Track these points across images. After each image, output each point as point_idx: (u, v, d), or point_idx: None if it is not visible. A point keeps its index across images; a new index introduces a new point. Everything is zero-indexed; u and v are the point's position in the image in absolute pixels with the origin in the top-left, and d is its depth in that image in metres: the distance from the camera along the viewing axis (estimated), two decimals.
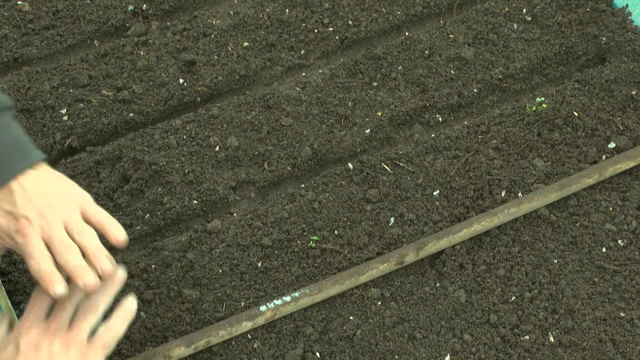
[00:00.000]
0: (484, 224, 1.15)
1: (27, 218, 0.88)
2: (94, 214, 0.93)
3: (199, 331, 1.05)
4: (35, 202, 0.89)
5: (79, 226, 0.90)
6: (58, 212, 0.90)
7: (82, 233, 0.90)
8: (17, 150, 0.90)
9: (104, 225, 0.93)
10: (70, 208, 0.91)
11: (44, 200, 0.90)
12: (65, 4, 1.48)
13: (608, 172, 1.22)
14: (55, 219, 0.89)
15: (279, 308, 1.06)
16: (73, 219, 0.90)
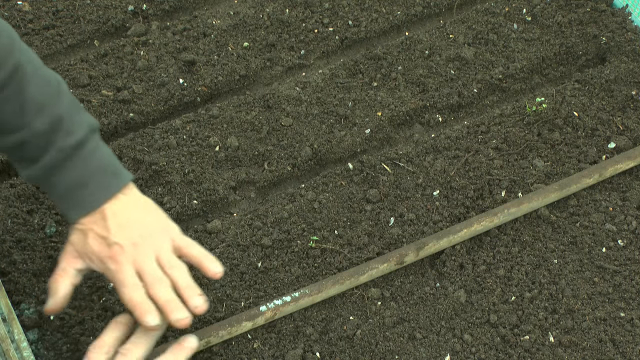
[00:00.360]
0: (484, 224, 1.15)
1: (120, 246, 0.89)
2: (186, 247, 0.94)
3: (199, 331, 1.05)
4: (128, 230, 0.90)
5: (170, 260, 0.91)
6: (150, 244, 0.91)
7: (173, 267, 0.91)
8: (108, 172, 0.91)
9: (199, 259, 0.94)
10: (162, 240, 0.92)
11: (137, 230, 0.90)
12: (65, 4, 1.48)
13: (608, 172, 1.21)
14: (148, 250, 0.90)
15: (279, 308, 1.06)
16: (165, 251, 0.91)
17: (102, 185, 0.90)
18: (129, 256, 0.89)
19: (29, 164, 0.89)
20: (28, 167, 0.89)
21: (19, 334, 1.02)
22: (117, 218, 0.90)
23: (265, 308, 1.06)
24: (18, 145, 0.87)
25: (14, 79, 0.83)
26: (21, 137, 0.86)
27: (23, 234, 1.15)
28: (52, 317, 1.08)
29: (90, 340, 1.06)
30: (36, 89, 0.86)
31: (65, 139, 0.87)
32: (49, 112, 0.86)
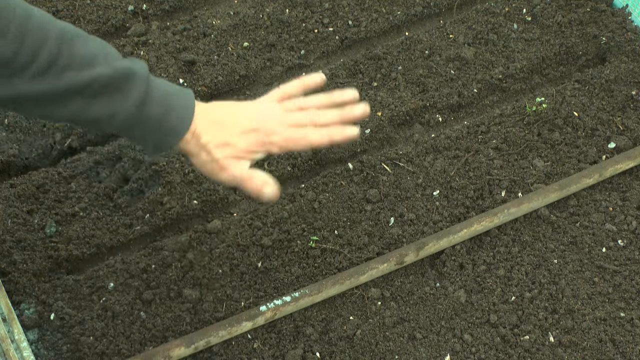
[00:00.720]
0: (484, 224, 1.15)
1: (261, 126, 0.93)
2: (284, 92, 0.99)
3: (199, 331, 1.05)
4: (249, 116, 0.94)
5: (299, 101, 0.97)
6: (273, 111, 0.96)
7: (304, 103, 0.97)
8: (177, 89, 0.91)
9: (302, 85, 1.00)
10: (271, 97, 0.98)
11: (252, 113, 0.95)
12: (65, 4, 1.48)
13: (608, 172, 1.22)
14: (277, 109, 0.96)
15: (279, 308, 1.06)
16: (285, 106, 0.97)
17: (184, 100, 0.90)
18: (276, 124, 0.94)
19: (117, 111, 0.86)
20: (117, 114, 0.86)
21: (19, 334, 1.02)
22: (225, 115, 0.94)
23: (265, 308, 1.06)
24: (93, 98, 0.85)
25: (63, 46, 0.83)
26: (93, 89, 0.85)
27: (23, 234, 1.16)
28: (52, 317, 1.08)
29: (90, 340, 1.06)
30: (86, 44, 0.86)
31: (139, 72, 0.87)
32: (108, 59, 0.87)
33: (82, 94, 0.84)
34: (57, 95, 0.83)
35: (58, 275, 1.13)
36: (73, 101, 0.84)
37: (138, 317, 1.09)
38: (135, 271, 1.13)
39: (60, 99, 0.83)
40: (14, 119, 1.30)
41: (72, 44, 0.84)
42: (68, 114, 0.85)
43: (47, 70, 0.81)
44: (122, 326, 1.08)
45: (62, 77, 0.82)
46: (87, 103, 0.85)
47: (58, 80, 0.82)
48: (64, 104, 0.84)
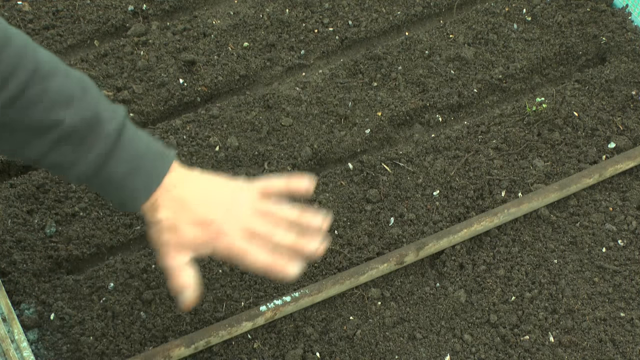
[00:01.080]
0: (484, 224, 1.15)
1: (216, 220, 0.86)
2: (268, 187, 0.91)
3: (199, 331, 1.05)
4: (210, 202, 0.87)
5: (265, 207, 0.89)
6: (239, 203, 0.88)
7: (273, 211, 0.89)
8: (156, 149, 0.87)
9: (287, 187, 0.91)
10: (245, 194, 0.89)
11: (218, 198, 0.87)
12: (65, 4, 1.48)
13: (608, 172, 1.22)
14: (243, 210, 0.88)
15: (279, 308, 1.06)
16: (256, 202, 0.89)
17: (156, 164, 0.86)
18: (231, 225, 0.86)
19: (77, 162, 0.83)
20: (77, 165, 0.83)
21: (19, 334, 1.02)
22: (191, 194, 0.87)
23: (265, 308, 1.06)
24: (56, 143, 0.82)
25: (35, 78, 0.80)
26: (58, 134, 0.82)
27: (23, 234, 1.16)
28: (52, 317, 1.08)
29: (90, 340, 1.06)
30: (61, 82, 0.82)
31: (108, 125, 0.83)
32: (80, 104, 0.82)
33: (46, 136, 0.80)
34: (20, 131, 0.80)
35: (58, 275, 1.13)
36: (37, 141, 0.81)
37: (138, 317, 1.09)
38: (135, 271, 1.13)
39: (24, 136, 0.80)
40: None
41: (48, 79, 0.80)
42: (32, 154, 0.82)
43: (12, 102, 0.78)
44: (122, 326, 1.08)
45: (27, 113, 0.79)
46: (49, 147, 0.81)
47: (22, 115, 0.79)
48: (28, 141, 0.81)
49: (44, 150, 0.82)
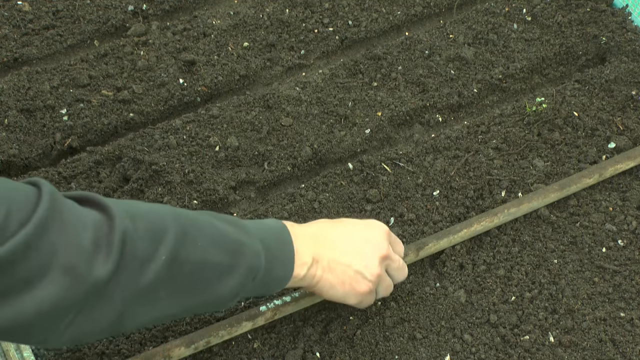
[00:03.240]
0: (483, 224, 1.15)
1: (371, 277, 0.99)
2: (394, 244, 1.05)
3: (199, 331, 1.05)
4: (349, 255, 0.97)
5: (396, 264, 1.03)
6: (374, 254, 0.99)
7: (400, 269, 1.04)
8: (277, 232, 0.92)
9: None
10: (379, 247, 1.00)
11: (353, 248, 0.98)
12: (65, 4, 1.48)
13: (608, 172, 1.21)
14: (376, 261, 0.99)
15: (279, 308, 1.06)
16: (390, 257, 1.02)
17: (281, 243, 0.91)
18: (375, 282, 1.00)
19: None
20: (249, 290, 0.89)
21: None
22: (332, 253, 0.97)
23: (265, 308, 1.06)
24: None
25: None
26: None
27: None
28: None
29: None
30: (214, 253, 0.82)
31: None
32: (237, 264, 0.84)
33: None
34: None
35: None
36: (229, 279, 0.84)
37: None
38: None
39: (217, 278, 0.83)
40: (14, 119, 1.30)
41: None
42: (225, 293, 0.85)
43: None
44: None
45: None
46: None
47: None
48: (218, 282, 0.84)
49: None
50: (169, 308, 0.79)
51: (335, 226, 1.00)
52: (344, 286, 0.97)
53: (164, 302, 0.77)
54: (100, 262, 0.68)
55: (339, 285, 0.96)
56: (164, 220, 0.76)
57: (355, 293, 0.98)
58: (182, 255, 0.76)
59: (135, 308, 0.74)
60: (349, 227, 1.00)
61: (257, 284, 0.87)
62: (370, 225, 1.01)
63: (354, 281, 0.97)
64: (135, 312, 0.75)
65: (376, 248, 0.98)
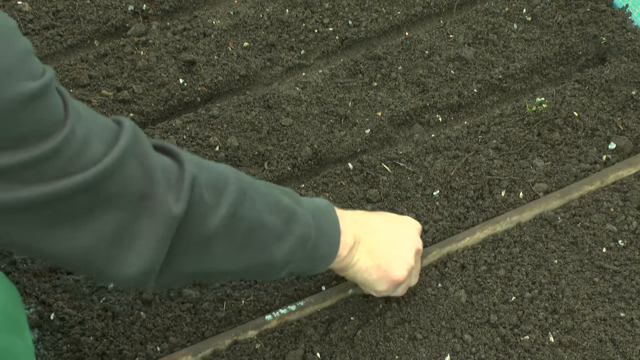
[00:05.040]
0: (486, 232, 1.17)
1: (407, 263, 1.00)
2: None
3: (205, 341, 1.06)
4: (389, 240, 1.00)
5: None
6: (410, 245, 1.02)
7: None
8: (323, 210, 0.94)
9: None
10: (413, 236, 1.04)
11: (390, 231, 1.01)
12: (65, 4, 1.48)
13: (609, 179, 1.22)
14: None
15: (284, 317, 1.08)
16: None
17: (329, 219, 0.93)
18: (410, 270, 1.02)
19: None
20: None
21: None
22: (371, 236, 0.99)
23: (270, 317, 1.07)
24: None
25: None
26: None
27: None
28: (52, 317, 1.08)
29: (90, 340, 1.06)
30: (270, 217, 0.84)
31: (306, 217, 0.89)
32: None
33: None
34: None
35: (58, 275, 1.13)
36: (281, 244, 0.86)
37: (138, 317, 1.09)
38: None
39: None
40: None
41: None
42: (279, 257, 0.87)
43: None
44: (122, 326, 1.08)
45: None
46: None
47: None
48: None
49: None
50: (223, 263, 0.81)
51: (375, 215, 1.03)
52: (378, 271, 0.98)
53: (219, 255, 0.79)
54: (172, 200, 0.71)
55: (374, 269, 0.98)
56: (227, 178, 0.79)
57: (388, 279, 0.99)
58: (240, 212, 0.78)
59: (193, 255, 0.76)
60: (387, 218, 1.03)
61: (305, 256, 0.88)
62: (406, 220, 1.05)
63: (389, 267, 0.98)
64: (191, 259, 0.77)
65: (412, 241, 1.01)
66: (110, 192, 0.67)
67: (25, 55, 0.61)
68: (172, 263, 0.74)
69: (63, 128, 0.62)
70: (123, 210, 0.68)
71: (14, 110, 0.59)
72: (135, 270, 0.70)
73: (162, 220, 0.70)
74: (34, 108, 0.60)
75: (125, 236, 0.69)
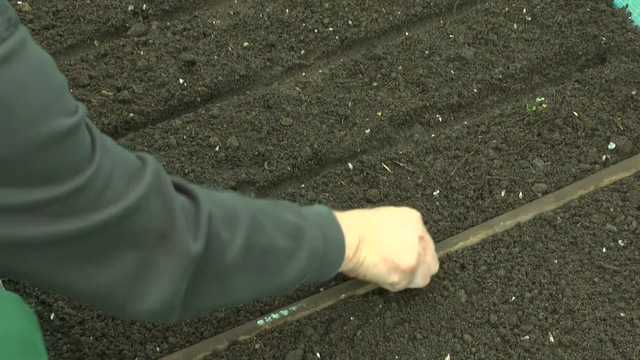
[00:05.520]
0: (479, 236, 1.17)
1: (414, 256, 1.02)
2: None
3: (203, 342, 1.06)
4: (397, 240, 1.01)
5: None
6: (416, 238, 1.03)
7: None
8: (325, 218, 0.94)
9: None
10: (417, 225, 1.05)
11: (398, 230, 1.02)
12: (65, 4, 1.48)
13: (604, 182, 1.23)
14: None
15: (277, 322, 1.08)
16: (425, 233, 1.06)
17: (331, 224, 0.94)
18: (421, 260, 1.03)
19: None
20: None
21: None
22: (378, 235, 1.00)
23: (262, 322, 1.08)
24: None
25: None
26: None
27: None
28: (52, 317, 1.08)
29: (90, 340, 1.06)
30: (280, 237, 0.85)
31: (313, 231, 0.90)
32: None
33: None
34: None
35: None
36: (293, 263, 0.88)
37: None
38: None
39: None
40: None
41: None
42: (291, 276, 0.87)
43: None
44: (122, 326, 1.08)
45: None
46: None
47: None
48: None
49: None
50: (242, 291, 0.82)
51: (373, 212, 1.04)
52: (386, 263, 0.99)
53: (238, 285, 0.80)
54: (191, 239, 0.72)
55: (381, 263, 0.99)
56: (237, 208, 0.80)
57: (397, 269, 1.00)
58: (254, 241, 0.80)
59: (213, 288, 0.78)
60: (385, 211, 1.05)
61: (317, 267, 0.90)
62: (404, 211, 1.06)
63: (395, 257, 1.00)
64: (211, 292, 0.78)
65: (413, 229, 1.02)
66: (135, 228, 0.67)
67: (61, 91, 0.62)
68: (192, 298, 0.76)
69: (92, 163, 0.63)
70: (145, 248, 0.69)
71: (48, 147, 0.59)
72: (153, 306, 0.71)
73: (181, 259, 0.71)
74: (66, 144, 0.61)
75: (145, 273, 0.70)
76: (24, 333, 0.86)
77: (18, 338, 0.85)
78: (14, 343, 0.84)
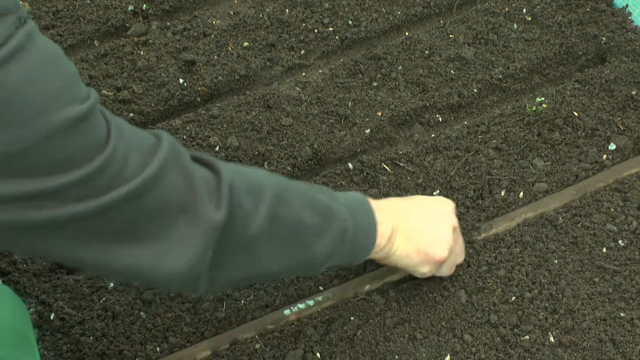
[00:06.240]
0: (486, 232, 1.17)
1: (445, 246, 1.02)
2: None
3: (212, 339, 1.06)
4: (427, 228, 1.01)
5: None
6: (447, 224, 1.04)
7: None
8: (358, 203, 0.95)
9: None
10: (449, 213, 1.05)
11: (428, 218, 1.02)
12: (65, 4, 1.48)
13: (610, 179, 1.23)
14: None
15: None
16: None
17: (364, 210, 0.94)
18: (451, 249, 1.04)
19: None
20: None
21: None
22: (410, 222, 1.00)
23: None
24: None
25: None
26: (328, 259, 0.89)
27: None
28: (52, 317, 1.08)
29: (90, 340, 1.06)
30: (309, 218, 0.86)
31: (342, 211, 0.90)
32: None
33: None
34: None
35: (58, 275, 1.13)
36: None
37: (138, 317, 1.09)
38: None
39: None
40: None
41: None
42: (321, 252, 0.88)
43: None
44: (122, 326, 1.08)
45: None
46: None
47: None
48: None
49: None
50: (268, 265, 0.82)
51: (408, 201, 1.05)
52: (419, 254, 1.00)
53: (264, 257, 0.81)
54: (213, 209, 0.73)
55: (414, 253, 1.00)
56: (262, 181, 0.81)
57: (429, 261, 1.01)
58: (279, 214, 0.80)
59: (239, 259, 0.78)
60: (420, 201, 1.05)
61: (344, 249, 0.90)
62: (440, 201, 1.06)
63: (429, 249, 1.00)
64: (237, 263, 0.79)
65: (447, 219, 1.02)
66: (155, 201, 0.69)
67: (72, 79, 0.63)
68: (219, 269, 0.77)
69: (107, 146, 0.65)
70: (167, 218, 0.70)
71: (62, 134, 0.61)
72: (180, 270, 0.72)
73: (204, 228, 0.72)
74: (80, 130, 0.63)
75: (169, 241, 0.71)
76: (17, 325, 0.86)
77: (12, 330, 0.85)
78: (8, 335, 0.85)
